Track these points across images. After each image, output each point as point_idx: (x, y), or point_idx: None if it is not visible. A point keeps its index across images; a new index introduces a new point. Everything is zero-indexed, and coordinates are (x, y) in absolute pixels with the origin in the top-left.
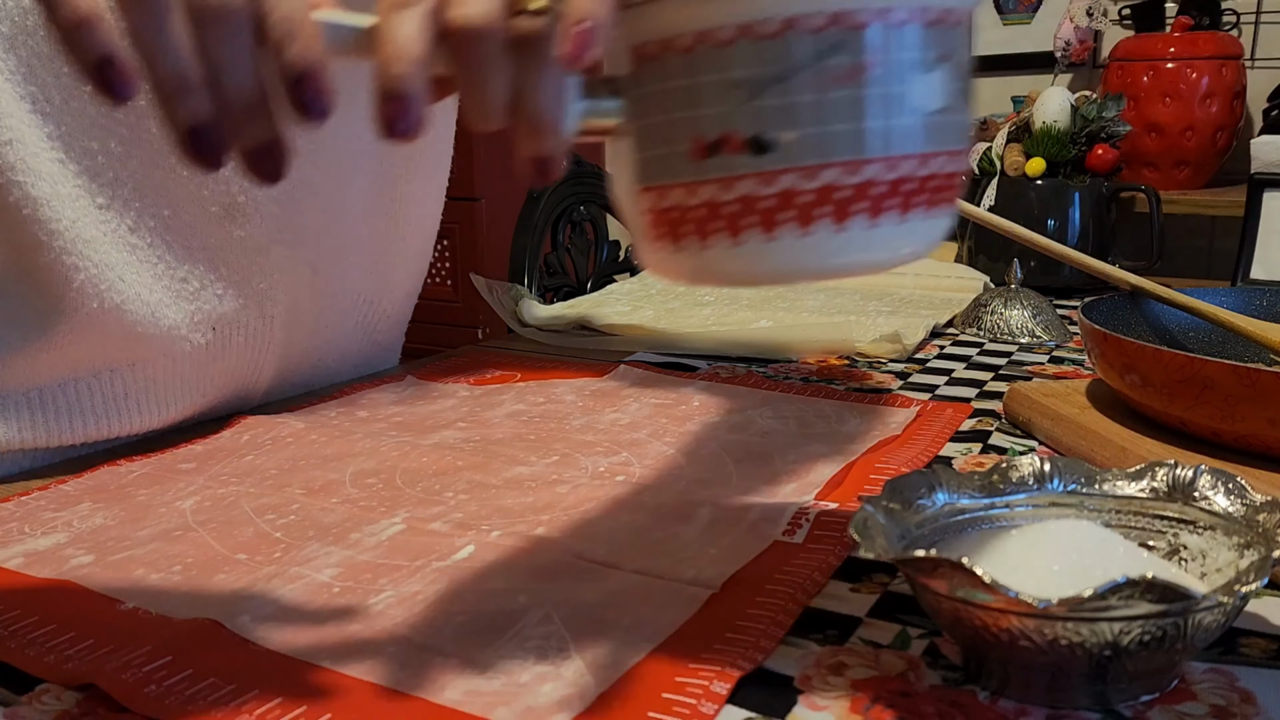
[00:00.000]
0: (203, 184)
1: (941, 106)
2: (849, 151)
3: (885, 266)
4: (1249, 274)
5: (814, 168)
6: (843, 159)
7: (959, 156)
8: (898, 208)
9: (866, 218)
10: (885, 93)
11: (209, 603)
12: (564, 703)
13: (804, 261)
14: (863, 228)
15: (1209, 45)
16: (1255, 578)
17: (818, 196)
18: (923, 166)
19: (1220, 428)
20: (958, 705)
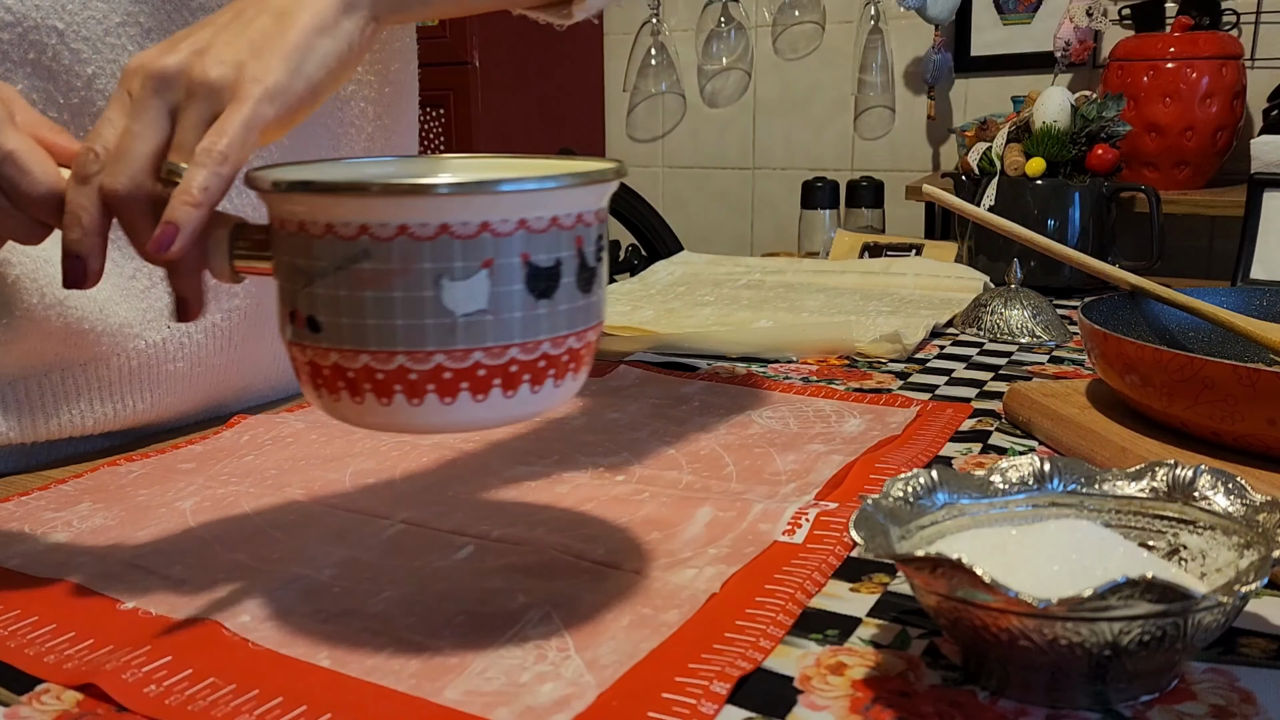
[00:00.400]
0: None
1: (479, 309)
2: (377, 343)
3: (439, 431)
4: (1249, 274)
5: (352, 351)
6: (371, 349)
7: (498, 351)
8: (434, 392)
9: (404, 398)
10: (406, 297)
11: (209, 603)
12: (563, 703)
13: (382, 421)
14: (403, 404)
15: (1209, 45)
16: (1255, 578)
17: (358, 375)
18: (455, 360)
19: (1220, 428)
20: (957, 705)
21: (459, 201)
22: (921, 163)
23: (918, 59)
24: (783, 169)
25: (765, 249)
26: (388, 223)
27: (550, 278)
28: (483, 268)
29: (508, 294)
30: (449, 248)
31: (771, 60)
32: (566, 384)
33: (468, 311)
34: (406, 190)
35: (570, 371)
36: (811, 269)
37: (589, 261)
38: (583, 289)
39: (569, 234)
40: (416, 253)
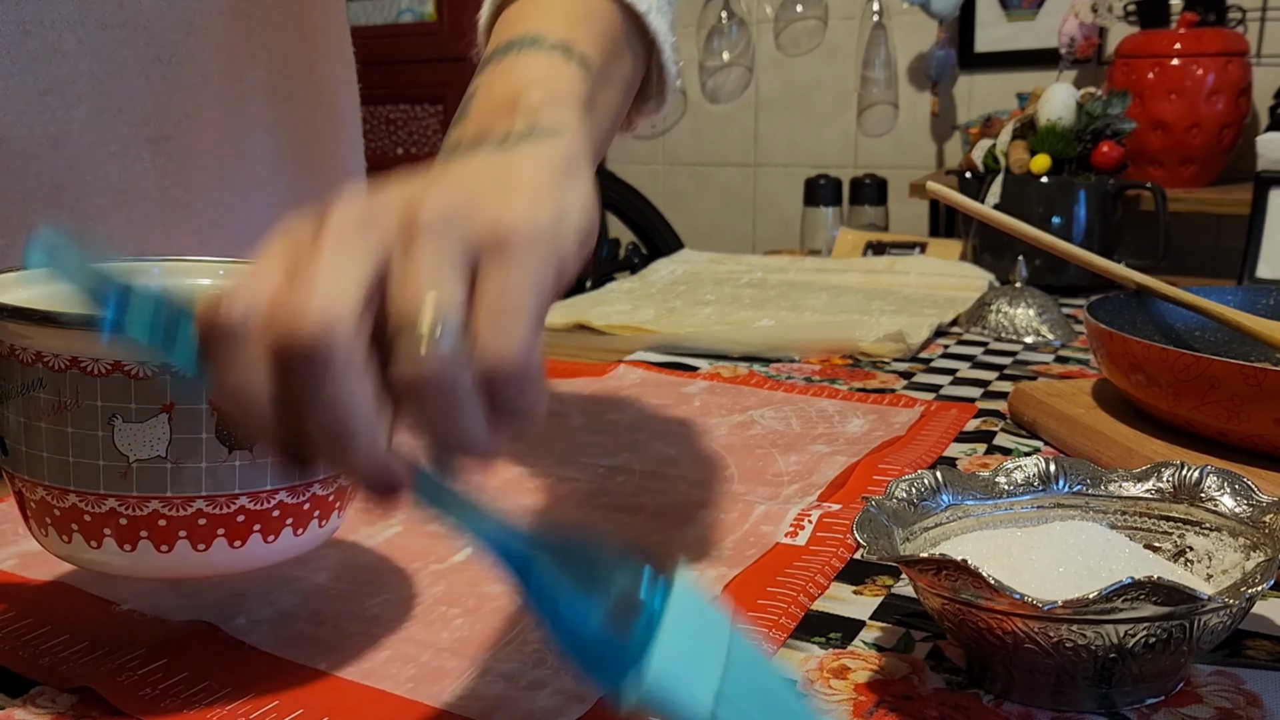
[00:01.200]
0: (41, 211)
1: (156, 455)
2: (52, 478)
3: (131, 576)
4: (1255, 272)
5: (30, 482)
6: (46, 483)
7: (180, 503)
8: (111, 538)
9: (81, 538)
10: (78, 434)
11: (205, 605)
12: (563, 708)
13: (63, 553)
14: (81, 544)
15: (1215, 42)
16: (1262, 579)
17: (39, 507)
18: (129, 508)
19: (1227, 428)
20: (962, 709)
21: None
22: (925, 160)
23: (921, 55)
24: (785, 166)
25: (767, 247)
26: (60, 354)
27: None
28: (162, 411)
29: (192, 442)
30: (124, 386)
31: (773, 56)
32: (284, 540)
33: (143, 457)
34: (74, 322)
35: (289, 527)
36: (814, 267)
37: None
38: None
39: None
40: (89, 388)
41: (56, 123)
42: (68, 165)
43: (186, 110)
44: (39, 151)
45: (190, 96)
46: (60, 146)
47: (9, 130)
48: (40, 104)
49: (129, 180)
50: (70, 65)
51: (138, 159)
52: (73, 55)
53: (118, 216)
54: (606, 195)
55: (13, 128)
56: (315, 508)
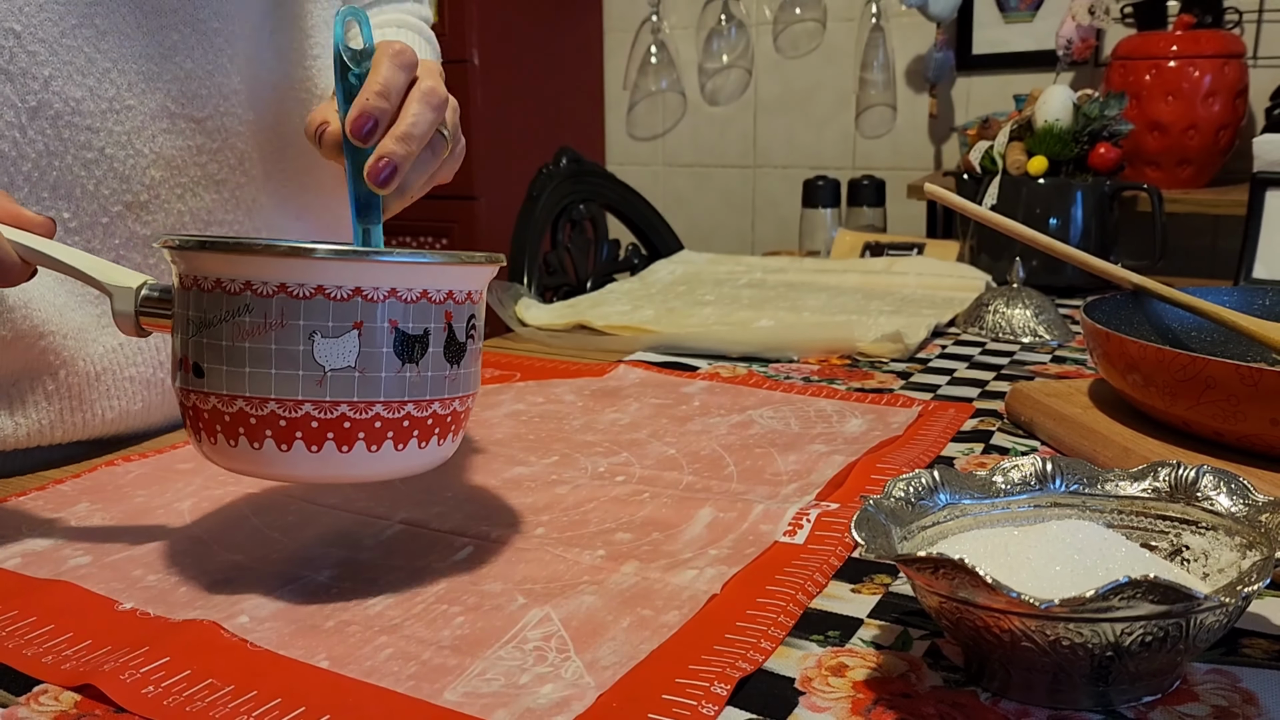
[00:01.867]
0: (102, 182)
1: (347, 366)
2: (252, 389)
3: (304, 480)
4: (1251, 273)
5: (229, 397)
6: (247, 394)
7: (363, 407)
8: (301, 440)
9: (273, 443)
10: (281, 349)
11: (207, 604)
12: (563, 704)
13: (251, 466)
14: (273, 450)
15: (1211, 44)
16: (1258, 578)
17: (233, 419)
18: (322, 411)
19: (1223, 427)
20: (959, 706)
21: (334, 266)
22: (923, 161)
23: (919, 57)
24: (784, 167)
25: (766, 248)
26: (269, 280)
27: (417, 345)
28: (353, 328)
29: (375, 355)
30: (323, 308)
31: (772, 58)
32: (432, 448)
33: (337, 367)
34: (286, 252)
35: (436, 435)
36: (813, 268)
37: (458, 336)
38: (451, 360)
39: (438, 308)
40: (293, 310)
41: (119, 99)
42: (127, 138)
43: (223, 93)
44: (103, 125)
45: (226, 80)
46: (121, 120)
47: (79, 104)
48: (106, 80)
49: (177, 155)
50: (129, 45)
51: (184, 135)
52: (131, 35)
53: (167, 189)
54: (606, 196)
55: (82, 102)
56: (454, 421)
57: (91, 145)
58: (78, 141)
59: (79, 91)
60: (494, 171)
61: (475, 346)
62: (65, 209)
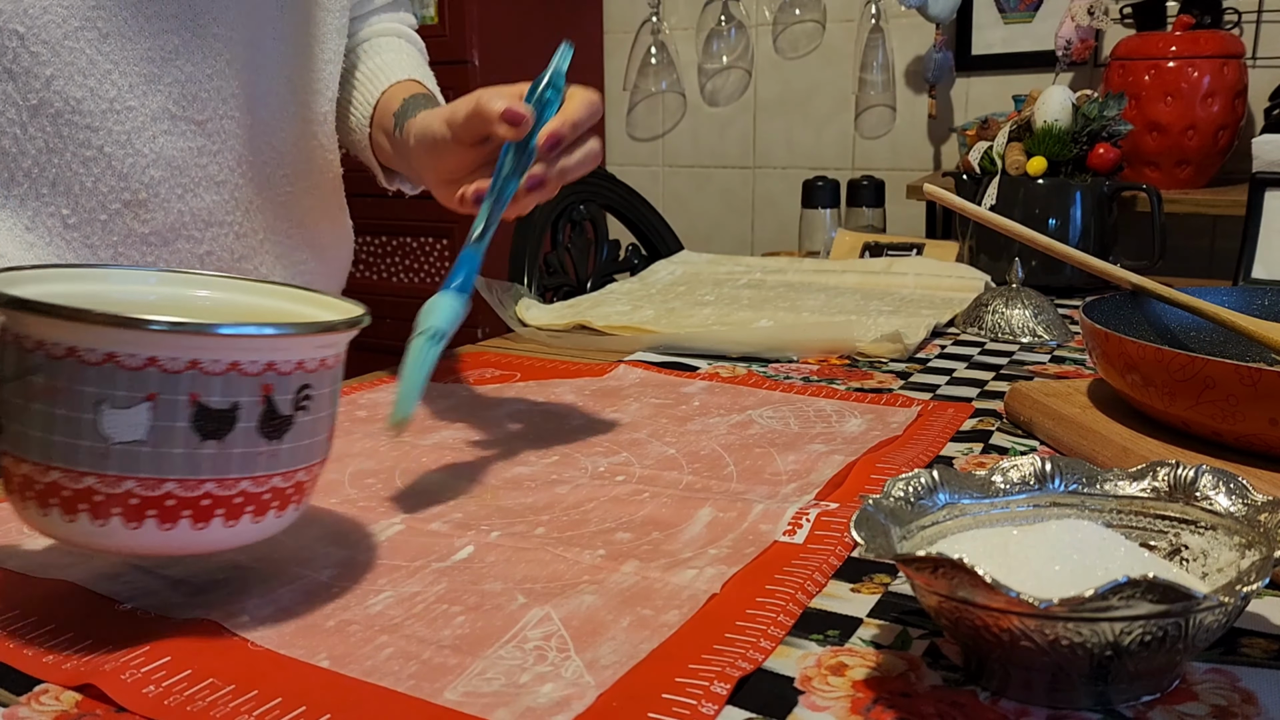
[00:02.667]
0: (101, 179)
1: (136, 440)
2: (39, 455)
3: (99, 551)
4: (1250, 273)
5: (15, 458)
6: (33, 459)
7: (153, 484)
8: (87, 512)
9: (59, 511)
10: (68, 416)
11: (208, 603)
12: (563, 704)
13: (42, 526)
14: (58, 517)
15: (1210, 44)
16: (1256, 578)
17: (22, 481)
18: (106, 485)
19: (1222, 427)
20: (958, 706)
21: (128, 334)
22: (922, 162)
23: (919, 58)
24: (783, 168)
25: (766, 248)
26: (59, 342)
27: (224, 420)
28: (145, 400)
29: (169, 430)
30: (113, 376)
31: (772, 59)
32: (244, 526)
33: (123, 440)
34: (73, 315)
35: (249, 513)
36: (812, 268)
37: (280, 410)
38: (267, 436)
39: (252, 380)
40: (81, 375)
41: (120, 99)
42: (126, 137)
43: (223, 96)
44: (103, 124)
45: (224, 85)
46: (122, 120)
47: (79, 104)
48: (107, 80)
49: (177, 155)
50: (131, 48)
51: (184, 136)
52: (133, 39)
53: (166, 188)
54: (606, 197)
55: (82, 101)
56: (275, 498)
57: (91, 144)
58: (77, 140)
59: (79, 91)
60: None
61: (310, 418)
62: (64, 205)
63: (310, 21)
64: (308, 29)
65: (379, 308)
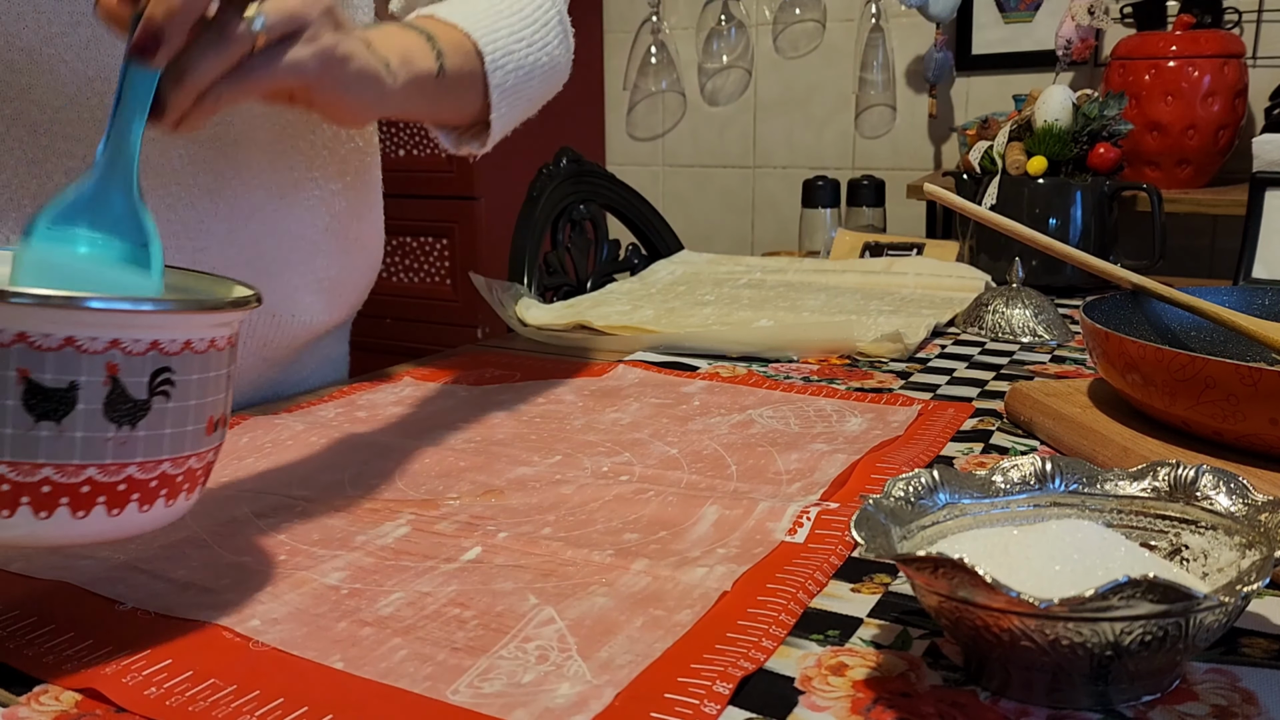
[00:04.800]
0: None
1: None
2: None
3: None
4: (1251, 273)
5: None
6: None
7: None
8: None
9: None
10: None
11: (216, 606)
12: (581, 703)
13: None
14: None
15: (1211, 44)
16: (1257, 578)
17: None
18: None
19: (1222, 427)
20: (959, 706)
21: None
22: (923, 161)
23: (919, 57)
24: (783, 168)
25: (766, 248)
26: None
27: (57, 400)
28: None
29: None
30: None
31: (772, 58)
32: (98, 518)
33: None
34: None
35: (102, 504)
36: (812, 268)
37: (131, 393)
38: (117, 420)
39: (94, 359)
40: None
41: (103, 108)
42: None
43: None
44: (85, 134)
45: None
46: (105, 129)
47: (59, 113)
48: (89, 89)
49: (166, 165)
50: (115, 54)
51: (172, 145)
52: (118, 46)
53: (155, 198)
54: (606, 196)
55: (62, 110)
56: (133, 490)
57: (73, 154)
58: (58, 150)
59: (59, 101)
60: (494, 172)
61: (174, 405)
62: None
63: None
64: None
65: (379, 308)
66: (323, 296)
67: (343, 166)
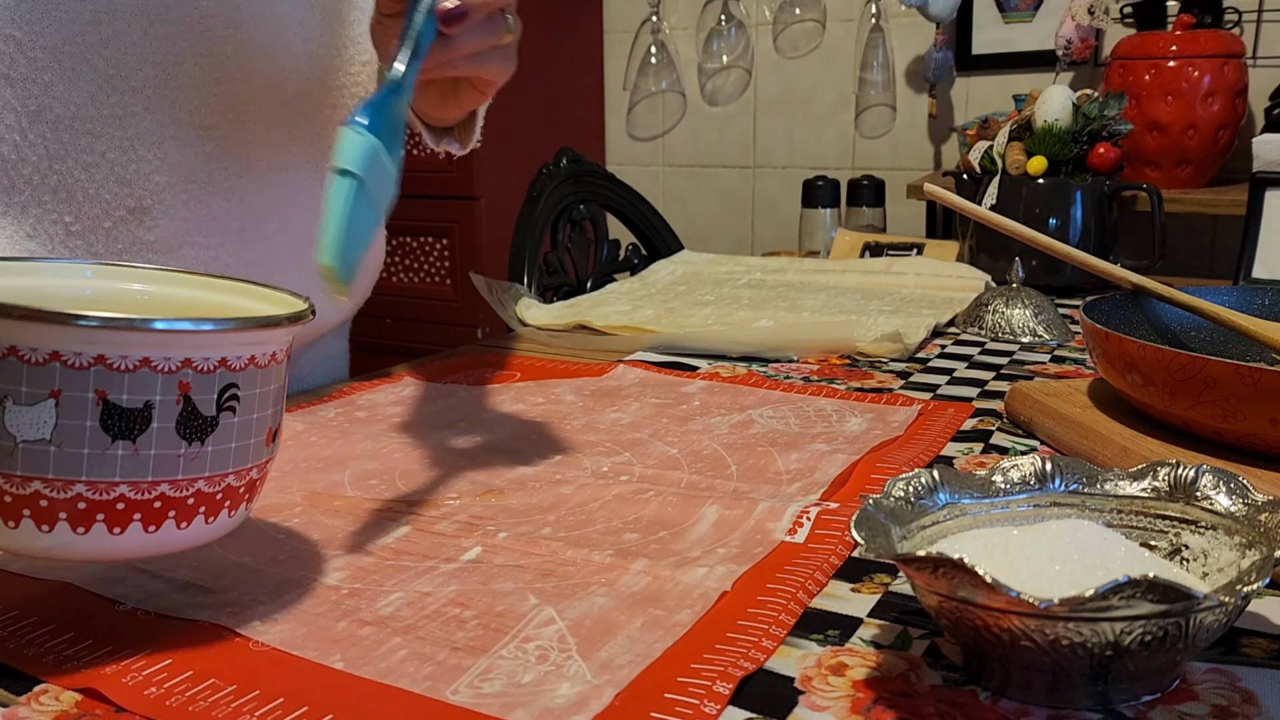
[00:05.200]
0: (103, 186)
1: (40, 439)
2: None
3: (15, 554)
4: (1251, 273)
5: None
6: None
7: (61, 485)
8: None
9: None
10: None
11: (217, 607)
12: (581, 703)
13: None
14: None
15: (1211, 44)
16: (1257, 578)
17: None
18: (14, 486)
19: (1222, 427)
20: (959, 706)
21: (30, 327)
22: (923, 161)
23: (919, 57)
24: (783, 168)
25: (766, 248)
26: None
27: (136, 420)
28: (50, 397)
29: (76, 428)
30: (16, 371)
31: (772, 58)
32: (168, 532)
33: (30, 439)
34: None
35: (172, 519)
36: (812, 268)
37: (202, 411)
38: (188, 437)
39: (167, 378)
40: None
41: (123, 105)
42: (131, 144)
43: (232, 102)
44: (105, 130)
45: (236, 90)
46: (125, 126)
47: (80, 109)
48: (109, 86)
49: (183, 162)
50: (135, 53)
51: (190, 143)
52: (138, 44)
53: (171, 195)
54: (606, 196)
55: (83, 107)
56: (201, 503)
57: (93, 150)
58: (79, 146)
59: (80, 97)
60: (494, 171)
61: (239, 420)
62: (67, 213)
63: (344, 22)
64: (340, 30)
65: (379, 308)
66: (328, 296)
67: None
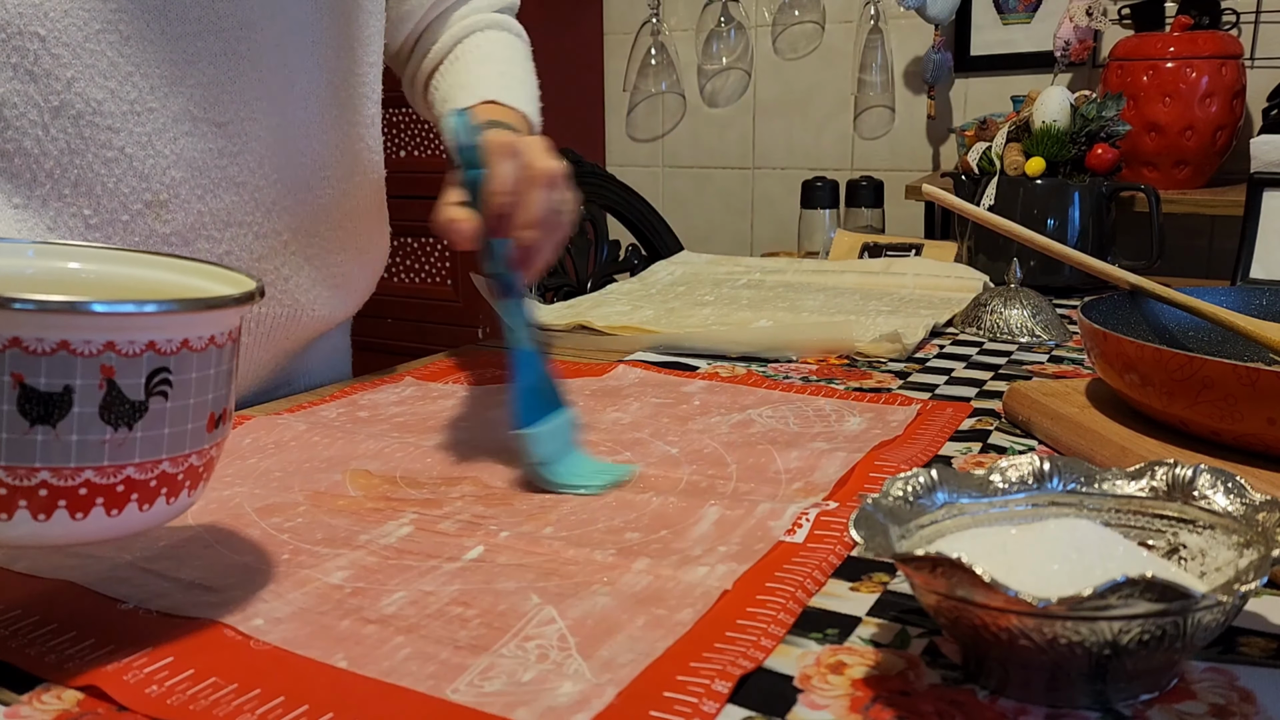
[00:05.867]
0: (122, 180)
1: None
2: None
3: None
4: (1248, 273)
5: None
6: None
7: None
8: None
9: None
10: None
11: (220, 606)
12: (583, 702)
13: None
14: None
15: (1209, 45)
16: (1254, 577)
17: None
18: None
19: (1220, 427)
20: (957, 704)
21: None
22: (921, 162)
23: (917, 58)
24: (782, 169)
25: (765, 249)
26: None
27: (51, 404)
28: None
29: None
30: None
31: (771, 60)
32: (96, 519)
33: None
34: None
35: (100, 505)
36: (811, 269)
37: (129, 395)
38: (114, 423)
39: (89, 361)
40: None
41: (141, 101)
42: (148, 138)
43: (245, 99)
44: (124, 126)
45: (248, 88)
46: (143, 122)
47: (100, 105)
48: (129, 83)
49: (198, 156)
50: (153, 51)
51: (204, 138)
52: (155, 42)
53: (187, 188)
54: (606, 197)
55: (103, 103)
56: (132, 490)
57: (112, 144)
58: (98, 140)
59: (100, 93)
60: None
61: (173, 405)
62: (86, 206)
63: (353, 24)
64: (349, 31)
65: (380, 308)
66: (336, 291)
67: (353, 166)
